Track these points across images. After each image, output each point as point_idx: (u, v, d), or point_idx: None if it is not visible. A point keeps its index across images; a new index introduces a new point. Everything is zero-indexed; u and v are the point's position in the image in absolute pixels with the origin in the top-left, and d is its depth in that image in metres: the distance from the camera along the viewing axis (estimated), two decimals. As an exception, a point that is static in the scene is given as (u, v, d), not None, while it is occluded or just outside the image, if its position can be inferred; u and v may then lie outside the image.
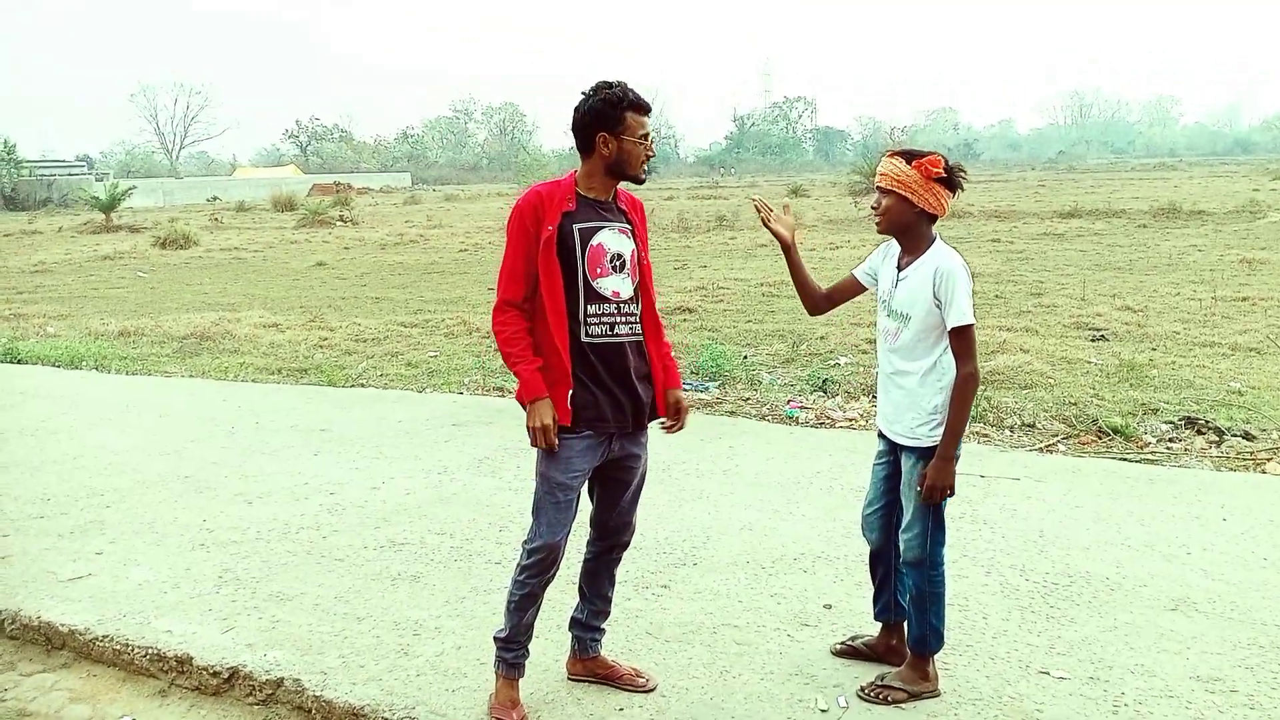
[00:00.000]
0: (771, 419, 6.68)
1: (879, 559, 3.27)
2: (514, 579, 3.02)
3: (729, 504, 4.87)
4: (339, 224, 29.28)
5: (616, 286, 2.94)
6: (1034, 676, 3.18)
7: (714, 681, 3.19)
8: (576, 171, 2.99)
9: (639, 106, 2.90)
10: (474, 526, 4.65)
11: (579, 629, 3.21)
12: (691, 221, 23.93)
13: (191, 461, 5.82)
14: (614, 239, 2.94)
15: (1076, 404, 6.68)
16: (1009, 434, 6.15)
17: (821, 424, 6.52)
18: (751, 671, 3.25)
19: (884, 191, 3.03)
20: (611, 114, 2.87)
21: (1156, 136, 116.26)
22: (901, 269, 3.07)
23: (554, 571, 3.00)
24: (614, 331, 2.94)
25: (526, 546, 2.98)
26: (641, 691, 3.13)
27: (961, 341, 2.94)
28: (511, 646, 3.03)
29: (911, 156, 2.98)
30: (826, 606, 3.72)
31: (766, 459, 5.61)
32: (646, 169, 3.00)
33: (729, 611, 3.69)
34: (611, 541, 3.15)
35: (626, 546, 3.19)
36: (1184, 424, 6.14)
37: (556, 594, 3.24)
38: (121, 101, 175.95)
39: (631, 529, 3.16)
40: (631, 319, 2.99)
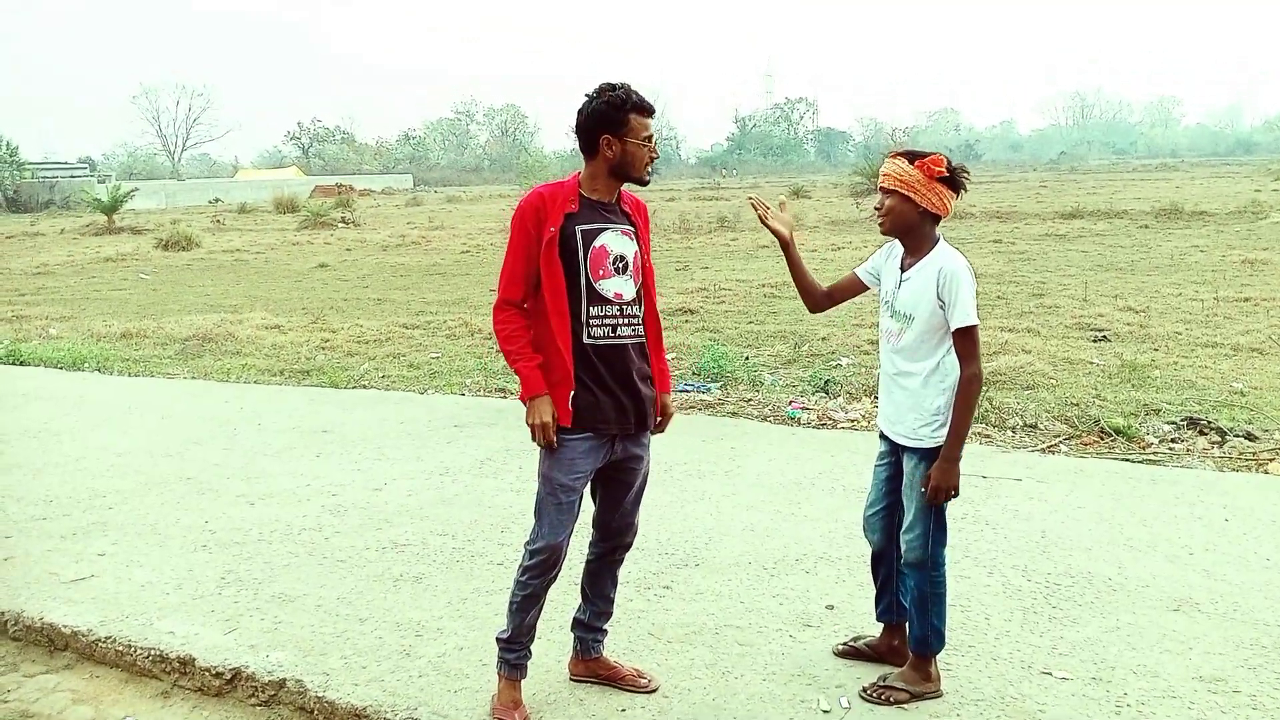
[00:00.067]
0: (773, 420, 6.68)
1: (881, 560, 3.27)
2: (516, 580, 3.02)
3: (731, 505, 4.87)
4: (341, 226, 29.30)
5: (619, 288, 2.94)
6: (1036, 677, 3.18)
7: (716, 682, 3.20)
8: (580, 173, 2.99)
9: (642, 108, 2.90)
10: (476, 528, 4.65)
11: (581, 630, 3.21)
12: (693, 223, 23.93)
13: (194, 463, 5.83)
14: (617, 240, 2.94)
15: (1078, 405, 6.67)
16: (1011, 435, 6.15)
17: (823, 425, 6.52)
18: (754, 672, 3.25)
19: (887, 192, 3.03)
20: (615, 116, 2.87)
21: (1158, 137, 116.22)
22: (905, 270, 3.07)
23: (556, 572, 3.00)
24: (616, 333, 2.94)
25: (529, 547, 2.98)
26: (644, 692, 3.13)
27: (965, 342, 2.95)
28: (514, 647, 3.03)
29: (914, 157, 2.98)
30: (829, 607, 3.72)
31: (768, 460, 5.61)
32: (650, 171, 3.00)
33: (731, 612, 3.69)
34: (614, 543, 3.15)
35: (629, 547, 3.19)
36: (1186, 424, 6.13)
37: (558, 595, 3.25)
38: (122, 102, 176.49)
39: (634, 530, 3.17)
40: (634, 320, 2.99)
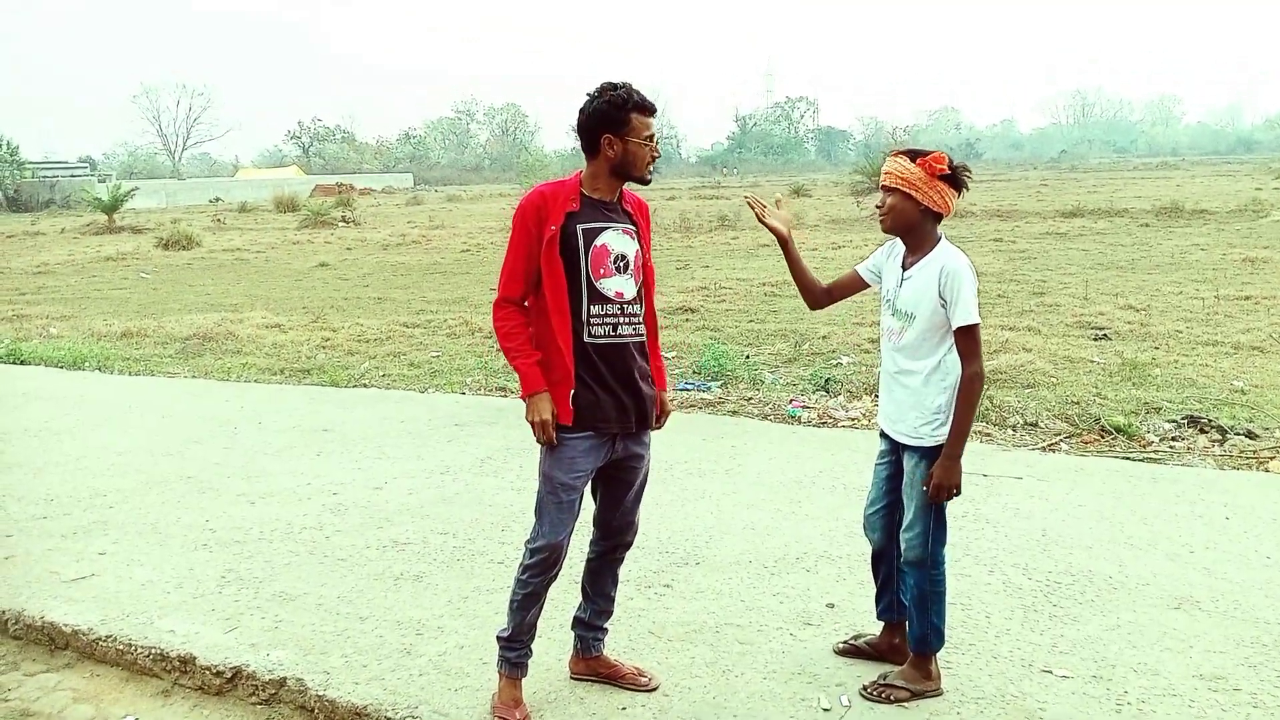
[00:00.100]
0: (774, 418, 6.68)
1: (881, 558, 3.27)
2: (517, 578, 3.02)
3: (731, 503, 4.87)
4: (341, 225, 29.31)
5: (620, 287, 2.94)
6: (1037, 675, 3.18)
7: (716, 680, 3.20)
8: (582, 172, 2.99)
9: (644, 108, 2.89)
10: (476, 526, 4.66)
11: (582, 628, 3.21)
12: (694, 221, 23.92)
13: (194, 462, 5.83)
14: (618, 240, 2.94)
15: (1079, 403, 6.67)
16: (1012, 433, 6.15)
17: (824, 423, 6.52)
18: (754, 670, 3.25)
19: (888, 190, 3.03)
20: (616, 115, 2.86)
21: (1159, 135, 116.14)
22: (907, 268, 3.07)
23: (557, 571, 3.00)
24: (617, 332, 2.94)
25: (529, 546, 2.98)
26: (644, 691, 3.13)
27: (967, 341, 2.95)
28: (514, 646, 3.03)
29: (916, 155, 2.99)
30: (829, 606, 3.72)
31: (769, 458, 5.61)
32: (652, 170, 2.99)
33: (731, 611, 3.69)
34: (614, 541, 3.15)
35: (629, 546, 3.19)
36: (1187, 423, 6.13)
37: (559, 593, 3.25)
38: (123, 102, 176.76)
39: (634, 529, 3.17)
40: (635, 319, 2.99)
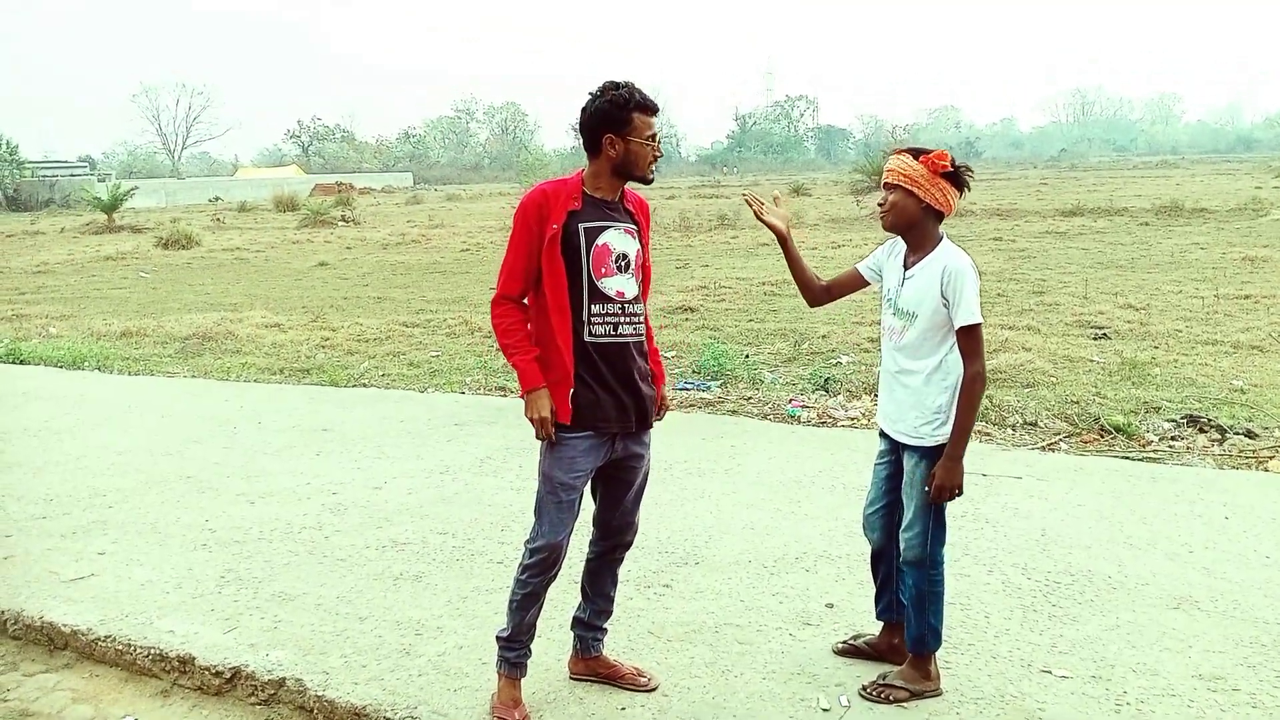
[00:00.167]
0: (773, 418, 6.68)
1: (880, 558, 3.27)
2: (516, 578, 3.02)
3: (731, 503, 4.87)
4: (341, 224, 29.30)
5: (621, 286, 2.94)
6: (1036, 675, 3.18)
7: (716, 681, 3.20)
8: (583, 170, 2.98)
9: (646, 107, 2.88)
10: (476, 526, 4.65)
11: (581, 628, 3.21)
12: (693, 220, 23.93)
13: (194, 462, 5.83)
14: (619, 239, 2.93)
15: (1079, 402, 6.67)
16: (1011, 432, 6.15)
17: (823, 423, 6.52)
18: (753, 671, 3.25)
19: (890, 187, 3.03)
20: (618, 115, 2.86)
21: (1158, 134, 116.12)
22: (908, 267, 3.07)
23: (556, 571, 3.00)
24: (617, 332, 2.94)
25: (529, 546, 2.98)
26: (643, 691, 3.13)
27: (970, 340, 2.94)
28: (514, 646, 3.03)
29: (919, 153, 2.99)
30: (828, 606, 3.72)
31: (768, 458, 5.61)
32: (654, 169, 2.99)
33: (731, 611, 3.69)
34: (614, 541, 3.15)
35: (629, 546, 3.19)
36: (1186, 422, 6.13)
37: (558, 593, 3.24)
38: (123, 102, 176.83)
39: (634, 528, 3.16)
40: (635, 319, 2.99)
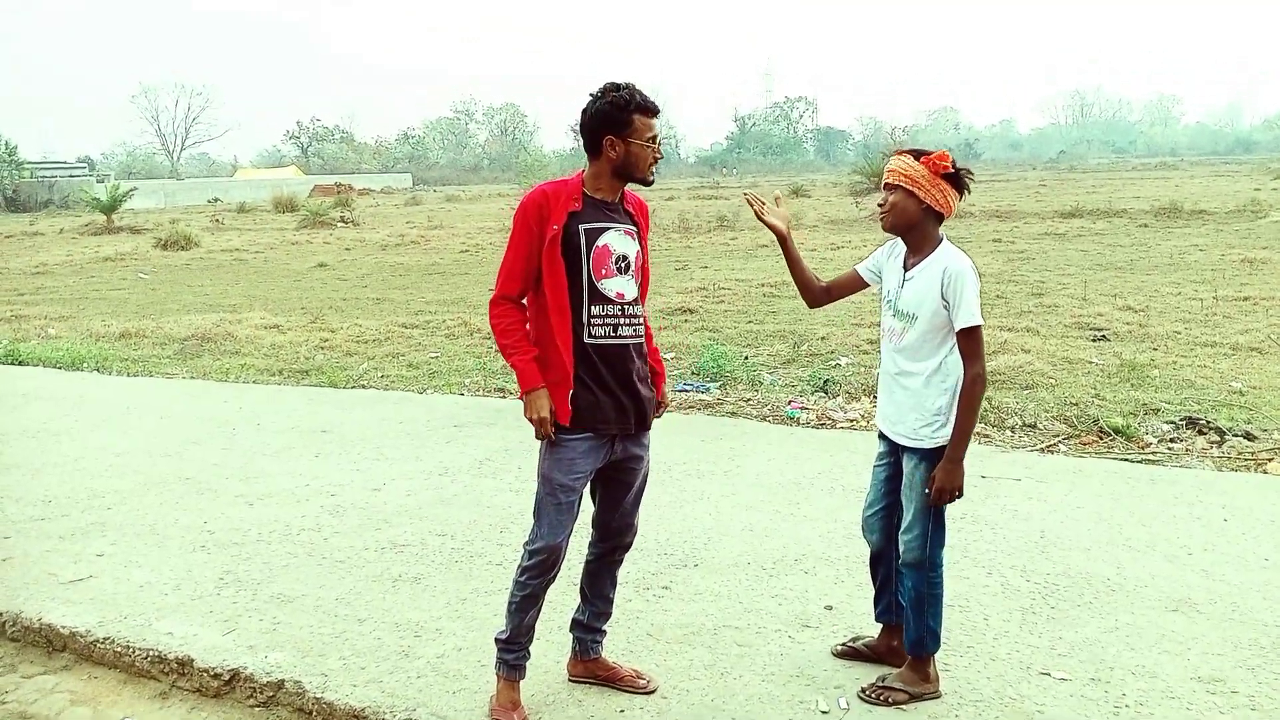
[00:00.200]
0: (772, 420, 6.68)
1: (880, 560, 3.27)
2: (515, 580, 3.01)
3: (730, 505, 4.87)
4: (340, 225, 29.29)
5: (621, 288, 2.93)
6: (1035, 677, 3.18)
7: (715, 683, 3.19)
8: (584, 171, 2.98)
9: (647, 109, 2.88)
10: (475, 528, 4.65)
11: (580, 630, 3.21)
12: (692, 222, 23.92)
13: (193, 463, 5.83)
14: (620, 240, 2.93)
15: (1078, 404, 6.67)
16: (1010, 434, 6.15)
17: (822, 425, 6.52)
18: (752, 673, 3.25)
19: (891, 188, 3.03)
20: (619, 117, 2.85)
21: (1157, 136, 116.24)
22: (908, 269, 3.07)
23: (555, 573, 3.00)
24: (617, 333, 2.94)
25: (528, 548, 2.98)
26: (642, 693, 3.13)
27: (970, 342, 2.95)
28: (512, 648, 3.03)
29: (920, 154, 3.00)
30: (827, 608, 3.72)
31: (767, 460, 5.61)
32: (654, 171, 2.99)
33: (730, 613, 3.69)
34: (613, 543, 3.15)
35: (628, 548, 3.18)
36: (1185, 424, 6.13)
37: (557, 595, 3.25)
38: (122, 102, 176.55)
39: (633, 530, 3.16)
40: (635, 321, 2.99)
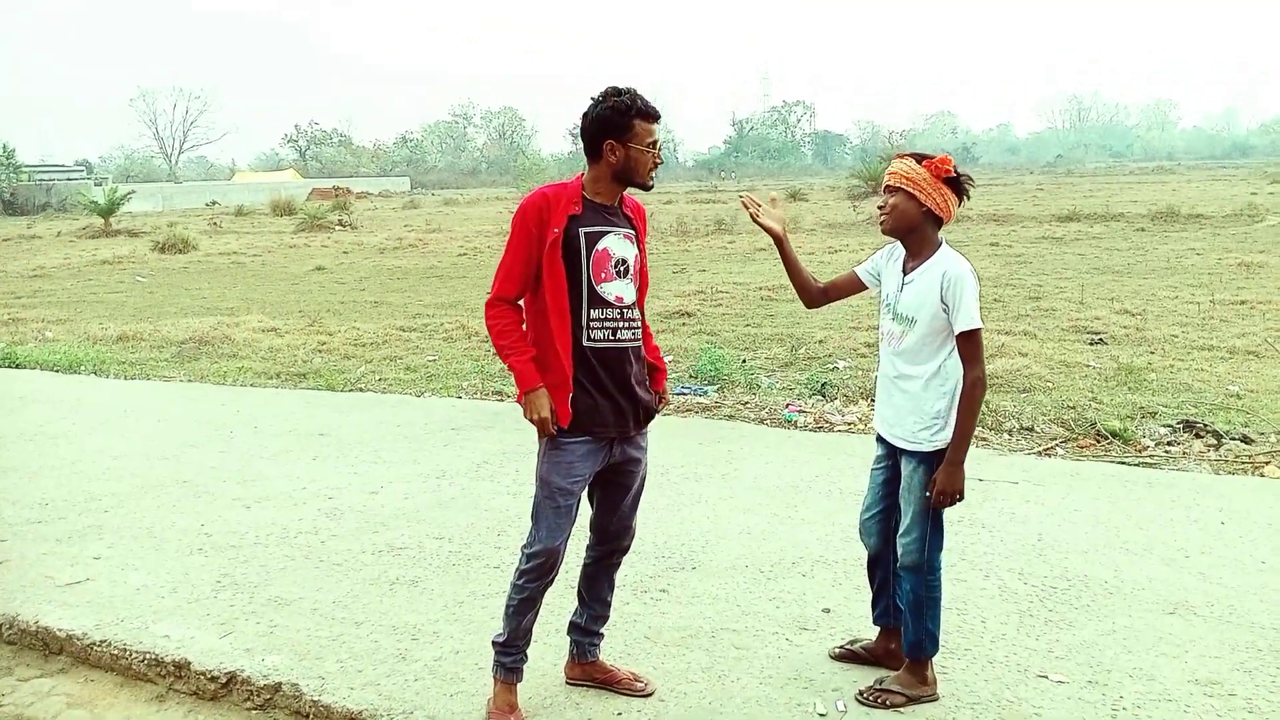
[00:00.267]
0: (770, 423, 6.68)
1: (877, 563, 3.27)
2: (513, 584, 3.01)
3: (728, 508, 4.87)
4: (338, 228, 29.27)
5: (620, 291, 2.94)
6: (1032, 680, 3.18)
7: (712, 686, 3.19)
8: (583, 175, 2.98)
9: (648, 114, 2.88)
10: (472, 531, 4.65)
11: (578, 633, 3.21)
12: (690, 225, 23.93)
13: (190, 466, 5.82)
14: (619, 244, 2.94)
15: (1075, 407, 6.68)
16: (1007, 437, 6.16)
17: (820, 428, 6.52)
18: (750, 676, 3.25)
19: (892, 190, 3.04)
20: (620, 121, 2.86)
21: (1154, 140, 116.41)
22: (907, 272, 3.08)
23: (553, 576, 3.00)
24: (616, 336, 2.94)
25: (526, 551, 2.98)
26: (640, 696, 3.13)
27: (970, 346, 2.95)
28: (510, 651, 3.03)
29: (922, 157, 3.02)
30: (825, 611, 3.72)
31: (765, 463, 5.61)
32: (653, 176, 2.99)
33: (727, 616, 3.69)
34: (611, 546, 3.15)
35: (626, 551, 3.19)
36: (1182, 427, 6.14)
37: (555, 598, 3.24)
38: (121, 103, 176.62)
39: (631, 533, 3.16)
40: (634, 324, 2.99)
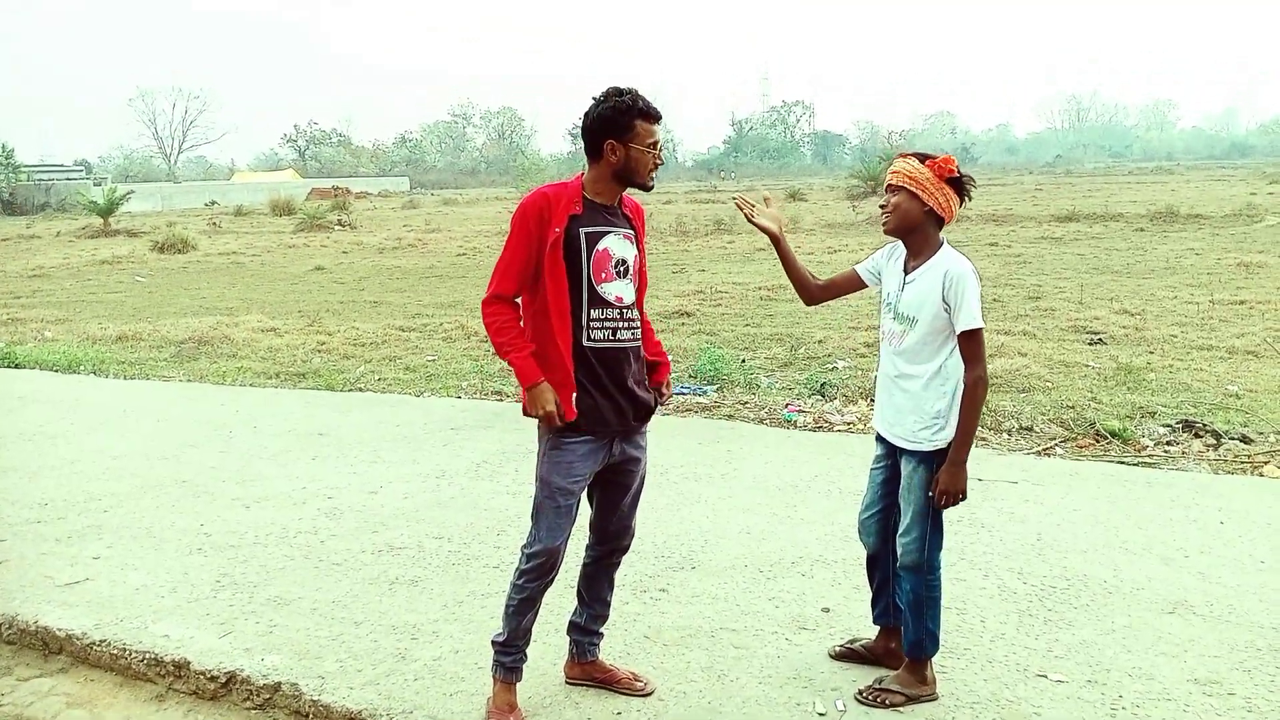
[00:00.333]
0: (769, 422, 6.68)
1: (877, 563, 3.28)
2: (513, 583, 3.01)
3: (727, 508, 4.87)
4: (337, 228, 29.27)
5: (620, 291, 2.94)
6: (1032, 680, 3.19)
7: (712, 685, 3.20)
8: (583, 174, 2.98)
9: (649, 115, 2.88)
10: (472, 530, 4.65)
11: (577, 633, 3.21)
12: (690, 225, 23.93)
13: (189, 466, 5.82)
14: (619, 244, 2.94)
15: (1074, 407, 6.68)
16: (1007, 437, 6.16)
17: (820, 427, 6.52)
18: (749, 675, 3.25)
19: (894, 189, 3.04)
20: (621, 121, 2.86)
21: (1154, 140, 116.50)
22: (909, 272, 3.08)
23: (553, 576, 3.00)
24: (616, 336, 2.94)
25: (526, 551, 2.98)
26: (640, 695, 3.13)
27: (971, 345, 2.95)
28: (509, 650, 3.03)
29: (924, 157, 3.02)
30: (825, 610, 3.72)
31: (764, 463, 5.61)
32: (653, 177, 2.99)
33: (727, 615, 3.69)
34: (611, 546, 3.15)
35: (626, 551, 3.19)
36: (1181, 427, 6.14)
37: (555, 597, 3.24)
38: (121, 103, 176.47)
39: (631, 533, 3.17)
40: (633, 324, 3.00)
